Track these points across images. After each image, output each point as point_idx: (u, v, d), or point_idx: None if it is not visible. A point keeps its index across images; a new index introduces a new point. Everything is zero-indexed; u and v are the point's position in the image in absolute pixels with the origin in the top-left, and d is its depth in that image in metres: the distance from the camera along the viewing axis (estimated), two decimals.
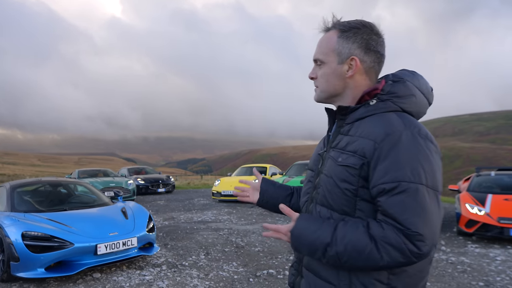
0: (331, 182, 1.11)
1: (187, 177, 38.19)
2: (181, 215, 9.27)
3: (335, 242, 1.02)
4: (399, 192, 0.98)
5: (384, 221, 1.00)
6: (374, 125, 1.08)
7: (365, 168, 1.05)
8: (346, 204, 1.08)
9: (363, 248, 0.99)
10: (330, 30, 1.21)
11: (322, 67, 1.20)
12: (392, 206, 0.98)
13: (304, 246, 1.09)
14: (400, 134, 1.02)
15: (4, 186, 5.43)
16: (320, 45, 1.21)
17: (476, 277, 4.36)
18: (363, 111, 1.14)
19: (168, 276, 4.42)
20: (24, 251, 3.99)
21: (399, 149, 1.01)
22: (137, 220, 4.98)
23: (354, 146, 1.09)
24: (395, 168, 0.99)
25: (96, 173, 14.68)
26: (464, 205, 6.59)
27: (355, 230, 1.01)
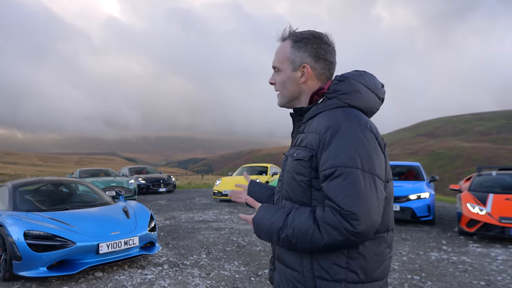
0: (290, 177, 1.23)
1: (188, 177, 38.20)
2: (182, 215, 9.29)
3: (286, 226, 1.14)
4: (336, 176, 1.08)
5: (327, 204, 1.10)
6: (320, 120, 1.20)
7: (314, 160, 1.16)
8: (303, 195, 1.19)
9: (307, 229, 1.10)
10: (285, 39, 1.33)
11: (279, 74, 1.33)
12: (331, 190, 1.08)
13: (262, 232, 1.22)
14: (339, 125, 1.13)
15: (6, 186, 5.45)
16: (277, 54, 1.34)
17: (477, 276, 4.37)
18: (314, 109, 1.26)
19: (169, 275, 4.43)
20: (26, 250, 4.00)
21: (338, 139, 1.11)
22: (139, 220, 4.99)
23: (306, 141, 1.21)
24: (333, 156, 1.10)
25: (97, 173, 14.70)
26: (465, 204, 6.59)
27: (302, 214, 1.14)
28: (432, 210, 7.54)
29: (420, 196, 7.55)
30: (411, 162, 9.85)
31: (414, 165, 9.48)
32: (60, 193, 5.90)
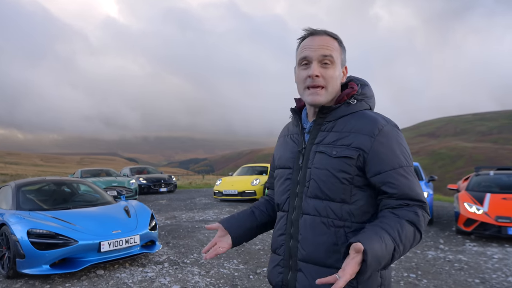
0: (327, 174, 1.21)
1: (189, 177, 38.30)
2: (183, 214, 9.37)
3: (398, 245, 1.09)
4: (404, 174, 1.18)
5: (407, 204, 1.17)
6: (363, 122, 1.23)
7: (361, 159, 1.19)
8: (343, 192, 1.20)
9: (412, 236, 1.15)
10: (329, 36, 1.29)
11: (329, 67, 1.25)
12: (408, 187, 1.18)
13: (378, 264, 1.05)
14: (387, 128, 1.22)
15: (9, 185, 5.53)
16: (328, 46, 1.25)
17: (472, 274, 4.44)
18: (344, 109, 1.28)
19: (170, 273, 4.51)
20: (29, 248, 4.09)
21: (391, 140, 1.21)
22: (140, 219, 5.07)
23: (348, 140, 1.21)
24: (396, 156, 1.19)
25: (99, 173, 14.79)
26: (463, 204, 6.66)
27: (402, 225, 1.13)
28: (430, 209, 7.61)
29: None
30: None
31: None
32: (62, 193, 5.98)
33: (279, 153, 1.44)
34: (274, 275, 1.34)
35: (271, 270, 1.37)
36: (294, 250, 1.27)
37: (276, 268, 1.34)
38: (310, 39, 1.29)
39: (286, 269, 1.30)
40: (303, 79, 1.27)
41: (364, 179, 1.22)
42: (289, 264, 1.29)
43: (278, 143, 1.50)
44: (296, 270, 1.26)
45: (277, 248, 1.35)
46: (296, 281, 1.25)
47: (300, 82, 1.30)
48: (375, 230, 1.09)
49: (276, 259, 1.35)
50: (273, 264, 1.36)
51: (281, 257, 1.32)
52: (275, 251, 1.36)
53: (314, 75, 1.24)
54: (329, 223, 1.21)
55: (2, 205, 5.14)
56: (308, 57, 1.25)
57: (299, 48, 1.32)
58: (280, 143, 1.48)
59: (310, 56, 1.25)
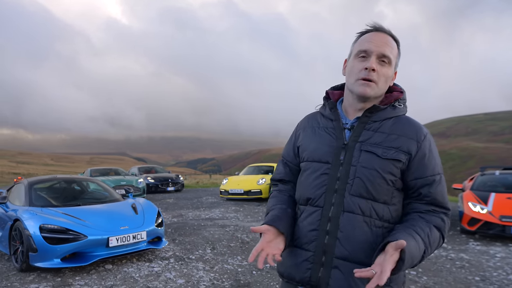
0: (375, 174, 1.22)
1: (196, 176, 38.58)
2: (189, 213, 9.52)
3: (428, 248, 1.18)
4: (440, 182, 1.25)
5: (434, 210, 1.24)
6: (408, 126, 1.28)
7: (406, 163, 1.24)
8: (386, 193, 1.23)
9: (437, 241, 1.22)
10: (390, 36, 1.30)
11: (386, 66, 1.27)
12: (440, 194, 1.24)
13: (411, 263, 1.13)
14: (429, 135, 1.29)
15: (22, 183, 5.73)
16: (390, 45, 1.27)
17: (473, 272, 4.49)
18: (390, 111, 1.30)
19: (175, 268, 4.65)
20: (41, 242, 4.26)
21: (433, 148, 1.28)
22: (147, 215, 5.22)
23: (396, 143, 1.24)
24: (435, 163, 1.26)
25: (108, 172, 15.04)
26: (467, 203, 6.69)
27: (431, 230, 1.20)
28: None
29: None
30: None
31: None
32: (73, 190, 6.17)
33: (312, 145, 1.36)
34: (300, 270, 1.29)
35: (294, 265, 1.31)
36: (330, 247, 1.24)
37: (304, 264, 1.28)
38: (373, 34, 1.29)
39: (316, 265, 1.26)
40: (358, 70, 1.27)
41: (402, 182, 1.26)
42: (321, 261, 1.25)
43: (306, 134, 1.42)
44: (331, 267, 1.23)
45: (306, 243, 1.29)
46: (330, 278, 1.23)
47: (353, 73, 1.29)
48: (409, 232, 1.15)
49: (304, 254, 1.29)
50: (300, 259, 1.30)
51: (311, 253, 1.28)
52: (302, 246, 1.30)
53: (371, 68, 1.24)
54: (371, 222, 1.22)
55: (16, 202, 5.33)
56: (369, 51, 1.25)
57: (358, 41, 1.32)
58: (310, 134, 1.40)
59: (371, 49, 1.25)
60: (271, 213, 1.35)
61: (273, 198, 1.45)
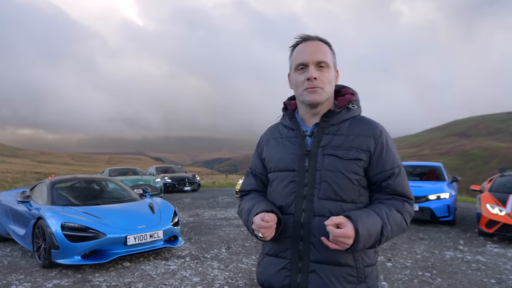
0: (340, 176, 1.27)
1: (213, 176, 38.88)
2: (205, 212, 9.66)
3: (386, 224, 1.23)
4: (400, 174, 1.33)
5: (395, 198, 1.31)
6: (365, 126, 1.34)
7: (367, 160, 1.30)
8: (353, 193, 1.29)
9: (400, 222, 1.28)
10: (321, 41, 1.36)
11: (325, 71, 1.32)
12: (401, 186, 1.32)
13: (368, 238, 1.19)
14: (384, 131, 1.35)
15: (44, 182, 5.95)
16: (322, 51, 1.33)
17: (489, 274, 4.43)
18: (345, 114, 1.36)
19: (191, 266, 4.76)
20: (63, 240, 4.43)
21: (390, 143, 1.35)
22: (163, 215, 5.36)
23: (355, 143, 1.30)
24: (393, 157, 1.33)
25: (126, 172, 15.36)
26: (485, 205, 6.57)
27: (390, 210, 1.27)
28: (452, 210, 7.52)
29: (439, 197, 7.55)
30: (433, 163, 9.78)
31: (435, 166, 9.43)
32: (93, 190, 6.37)
33: (277, 155, 1.40)
34: (279, 279, 1.32)
35: (273, 274, 1.34)
36: (305, 252, 1.28)
37: (281, 272, 1.32)
38: (304, 45, 1.35)
39: (294, 272, 1.30)
40: (301, 82, 1.33)
41: (366, 180, 1.33)
42: (298, 267, 1.29)
43: (269, 146, 1.46)
44: (308, 272, 1.27)
45: (282, 251, 1.33)
46: (308, 283, 1.26)
47: (298, 86, 1.35)
48: (364, 210, 1.26)
49: (280, 263, 1.33)
50: (276, 268, 1.34)
51: (287, 260, 1.31)
52: (277, 254, 1.35)
53: (312, 77, 1.30)
54: None
55: (38, 201, 5.54)
56: (305, 62, 1.32)
57: (293, 54, 1.38)
58: (273, 145, 1.45)
59: (306, 60, 1.32)
60: (264, 203, 1.36)
61: (253, 199, 1.44)
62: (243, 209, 1.46)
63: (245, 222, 1.43)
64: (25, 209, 5.40)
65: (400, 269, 4.66)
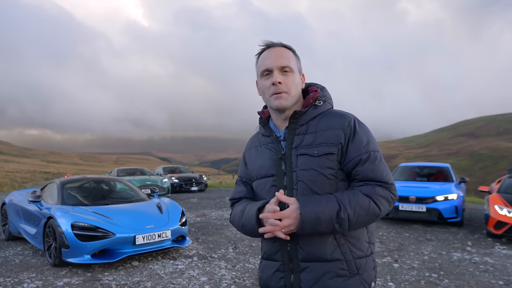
0: (314, 173, 1.29)
1: (220, 176, 38.98)
2: (212, 212, 9.71)
3: (344, 207, 1.22)
4: (372, 159, 1.30)
5: (367, 183, 1.28)
6: (332, 119, 1.35)
7: (339, 152, 1.30)
8: (329, 188, 1.30)
9: (367, 205, 1.24)
10: (284, 47, 1.40)
11: (289, 75, 1.36)
12: (370, 170, 1.28)
13: (317, 220, 1.21)
14: (354, 120, 1.35)
15: (54, 183, 6.05)
16: (286, 57, 1.37)
17: (497, 276, 4.42)
18: (313, 111, 1.38)
19: (198, 266, 4.81)
20: (73, 239, 4.51)
21: (361, 131, 1.33)
22: (171, 215, 5.42)
23: (324, 138, 1.31)
24: (365, 143, 1.31)
25: (134, 172, 15.51)
26: (493, 206, 6.53)
27: (354, 194, 1.25)
28: (460, 211, 7.47)
29: (447, 198, 7.51)
30: (441, 163, 9.73)
31: (443, 166, 9.37)
32: (101, 190, 6.45)
33: (257, 163, 1.46)
34: (275, 281, 1.36)
35: (269, 277, 1.39)
36: (293, 252, 1.31)
37: (276, 274, 1.36)
38: (268, 51, 1.39)
39: (287, 273, 1.33)
40: (267, 87, 1.37)
41: (342, 171, 1.32)
42: (289, 268, 1.33)
43: (251, 155, 1.52)
44: (299, 271, 1.30)
45: (272, 254, 1.38)
46: (300, 282, 1.30)
47: (264, 91, 1.39)
48: (322, 195, 1.27)
49: (274, 265, 1.38)
50: (271, 270, 1.38)
51: (279, 263, 1.35)
52: (271, 257, 1.39)
53: (277, 82, 1.33)
54: None
55: (49, 200, 5.64)
56: (269, 68, 1.36)
57: (258, 62, 1.42)
58: (254, 154, 1.50)
59: (270, 66, 1.35)
60: (260, 202, 1.37)
61: (244, 203, 1.46)
62: (235, 214, 1.46)
63: (239, 223, 1.41)
64: (36, 208, 5.50)
65: (407, 270, 4.66)
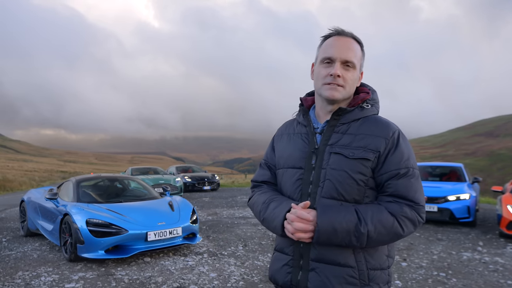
0: (344, 175, 1.23)
1: (232, 176, 39.19)
2: (224, 211, 9.84)
3: (365, 222, 1.16)
4: (410, 175, 1.23)
5: (396, 200, 1.22)
6: (376, 126, 1.29)
7: (375, 160, 1.24)
8: (357, 193, 1.24)
9: (390, 224, 1.18)
10: (354, 39, 1.32)
11: (350, 71, 1.29)
12: (403, 186, 1.22)
13: (333, 230, 1.17)
14: (398, 132, 1.29)
15: (70, 181, 6.25)
16: (352, 49, 1.29)
17: (506, 276, 4.39)
18: (358, 113, 1.32)
19: (208, 262, 4.92)
20: (88, 235, 4.67)
21: (403, 144, 1.27)
22: (182, 212, 5.54)
23: (363, 142, 1.25)
24: (406, 158, 1.25)
25: (147, 171, 15.76)
26: (506, 206, 6.46)
27: (379, 210, 1.19)
28: (473, 211, 7.40)
29: (459, 197, 7.45)
30: (454, 163, 9.63)
31: (456, 166, 9.28)
32: (115, 188, 6.63)
33: (287, 151, 1.40)
34: (282, 275, 1.34)
35: (277, 270, 1.36)
36: (306, 250, 1.28)
37: (284, 268, 1.33)
38: (336, 38, 1.31)
39: (296, 269, 1.30)
40: (324, 76, 1.30)
41: (373, 180, 1.27)
42: (299, 264, 1.29)
43: (282, 141, 1.46)
44: (308, 270, 1.27)
45: (285, 247, 1.35)
46: (307, 281, 1.26)
47: (319, 78, 1.32)
48: (343, 205, 1.22)
49: (284, 259, 1.34)
50: (280, 263, 1.35)
51: (289, 257, 1.32)
52: (282, 250, 1.36)
53: (336, 74, 1.26)
54: None
55: (65, 198, 5.83)
56: (333, 57, 1.28)
57: (322, 46, 1.34)
58: (285, 141, 1.44)
59: (334, 56, 1.28)
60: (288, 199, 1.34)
61: (269, 192, 1.43)
62: (257, 203, 1.43)
63: (261, 215, 1.38)
64: (53, 205, 5.70)
65: (415, 268, 4.67)
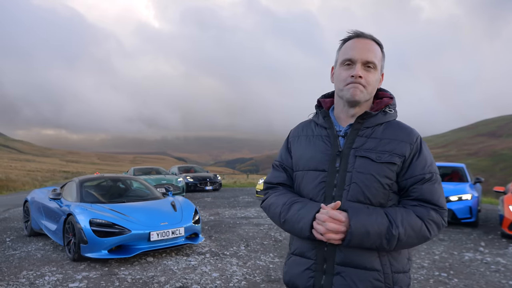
0: (371, 179, 1.24)
1: (234, 176, 39.23)
2: (226, 211, 9.86)
3: (395, 225, 1.18)
4: (433, 180, 1.26)
5: (421, 204, 1.24)
6: (400, 131, 1.30)
7: (400, 165, 1.25)
8: (383, 197, 1.25)
9: (418, 227, 1.20)
10: (373, 41, 1.33)
11: (371, 72, 1.29)
12: (429, 191, 1.24)
13: (366, 233, 1.17)
14: (419, 138, 1.32)
15: (73, 181, 6.29)
16: (373, 50, 1.30)
17: (508, 276, 4.40)
18: (382, 117, 1.33)
19: (210, 262, 4.95)
20: (91, 235, 4.71)
21: (425, 150, 1.30)
22: (184, 213, 5.57)
23: (389, 146, 1.26)
24: (429, 163, 1.28)
25: (150, 171, 15.81)
26: (508, 207, 6.46)
27: (407, 213, 1.21)
28: (475, 212, 7.40)
29: (461, 198, 7.46)
30: (456, 163, 9.62)
31: (458, 166, 9.28)
32: (118, 188, 6.67)
33: (307, 154, 1.37)
34: (303, 279, 1.31)
35: (297, 274, 1.33)
36: (330, 253, 1.26)
37: (306, 272, 1.30)
38: (355, 41, 1.31)
39: (319, 273, 1.28)
40: (344, 78, 1.30)
41: (397, 185, 1.28)
42: (322, 268, 1.27)
43: (300, 143, 1.43)
44: (333, 274, 1.25)
45: (306, 251, 1.32)
46: (332, 285, 1.25)
47: (340, 81, 1.32)
48: (372, 208, 1.23)
49: (305, 263, 1.32)
50: (301, 268, 1.32)
51: (312, 261, 1.30)
52: (303, 254, 1.33)
53: (357, 75, 1.27)
54: None
55: (68, 198, 5.87)
56: (353, 59, 1.28)
57: (342, 48, 1.34)
58: (303, 143, 1.41)
59: (355, 58, 1.28)
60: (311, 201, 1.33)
61: (288, 193, 1.40)
62: (276, 205, 1.39)
63: (282, 217, 1.34)
64: (56, 205, 5.74)
65: (417, 269, 4.68)
